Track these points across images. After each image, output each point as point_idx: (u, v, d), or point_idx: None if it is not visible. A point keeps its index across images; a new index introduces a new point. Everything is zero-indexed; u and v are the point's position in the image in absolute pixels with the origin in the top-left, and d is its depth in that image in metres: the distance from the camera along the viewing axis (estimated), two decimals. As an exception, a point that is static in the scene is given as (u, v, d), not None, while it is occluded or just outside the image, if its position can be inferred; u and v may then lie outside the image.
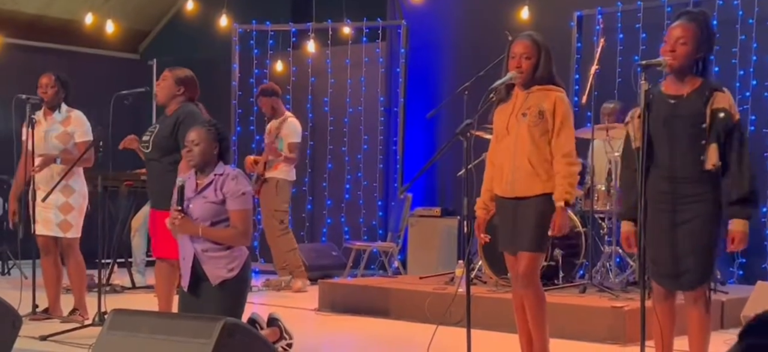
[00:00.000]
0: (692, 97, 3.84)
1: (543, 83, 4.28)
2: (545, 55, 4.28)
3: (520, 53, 4.28)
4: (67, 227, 6.06)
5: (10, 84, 8.05)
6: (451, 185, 8.63)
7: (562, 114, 4.23)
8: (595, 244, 6.77)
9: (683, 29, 3.83)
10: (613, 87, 7.68)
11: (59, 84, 6.16)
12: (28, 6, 10.43)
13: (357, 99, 9.48)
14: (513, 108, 4.32)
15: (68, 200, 6.04)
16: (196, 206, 4.45)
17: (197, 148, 4.44)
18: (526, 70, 4.26)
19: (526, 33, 4.41)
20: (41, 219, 6.03)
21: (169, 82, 5.40)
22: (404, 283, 7.01)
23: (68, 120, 6.14)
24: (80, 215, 6.11)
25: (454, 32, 9.16)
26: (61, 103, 6.18)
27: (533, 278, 4.31)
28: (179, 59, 10.70)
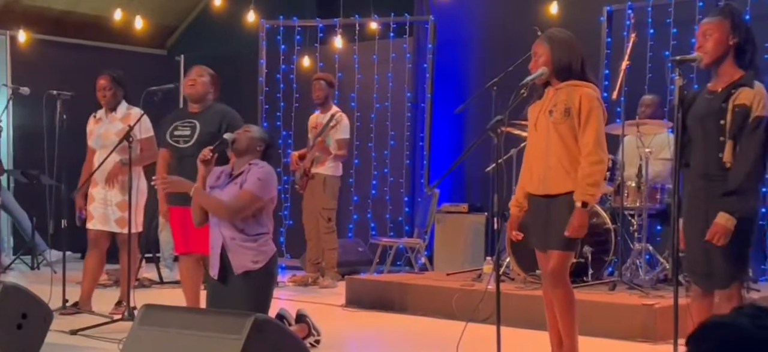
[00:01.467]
0: (720, 94, 3.79)
1: (568, 78, 4.23)
2: (559, 50, 4.21)
3: (534, 53, 4.29)
4: (124, 223, 6.13)
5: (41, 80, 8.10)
6: (479, 181, 8.59)
7: (587, 110, 4.16)
8: (625, 241, 6.71)
9: (709, 24, 3.81)
10: (644, 82, 7.61)
11: (116, 84, 6.27)
12: (58, 2, 10.50)
13: (384, 95, 9.46)
14: (542, 105, 4.29)
15: (125, 198, 6.12)
16: (228, 194, 4.51)
17: (247, 134, 4.63)
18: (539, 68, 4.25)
19: (546, 31, 4.37)
20: (98, 214, 6.12)
21: (206, 80, 5.53)
22: (431, 279, 6.99)
23: (128, 117, 6.22)
24: (138, 211, 6.19)
25: (482, 27, 9.12)
26: (122, 101, 6.29)
27: (562, 277, 4.27)
28: (206, 55, 10.78)
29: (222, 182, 4.59)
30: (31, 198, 9.15)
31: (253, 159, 4.62)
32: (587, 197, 4.11)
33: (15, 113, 9.76)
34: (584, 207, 4.11)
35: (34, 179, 9.07)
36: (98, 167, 6.04)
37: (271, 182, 4.60)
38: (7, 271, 8.84)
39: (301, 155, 8.10)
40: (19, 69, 9.85)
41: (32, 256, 9.21)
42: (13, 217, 9.39)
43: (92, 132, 6.29)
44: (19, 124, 9.80)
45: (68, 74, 7.29)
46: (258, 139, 4.66)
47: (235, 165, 4.65)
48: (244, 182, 4.54)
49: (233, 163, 4.68)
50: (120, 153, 6.08)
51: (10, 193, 9.58)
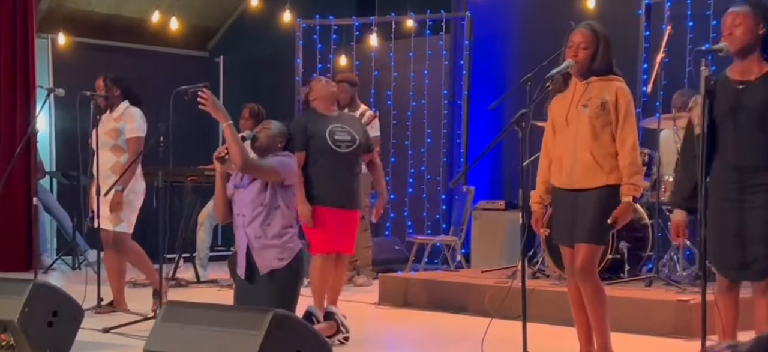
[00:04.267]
0: (758, 83, 3.71)
1: (601, 74, 4.20)
2: (604, 45, 4.19)
3: (577, 42, 4.21)
4: (117, 220, 6.16)
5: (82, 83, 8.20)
6: (516, 177, 8.51)
7: (625, 105, 4.16)
8: (664, 236, 6.59)
9: (735, 14, 3.75)
10: (684, 76, 7.47)
11: (112, 84, 6.30)
12: (101, 6, 10.64)
13: (420, 92, 9.42)
14: (572, 99, 4.23)
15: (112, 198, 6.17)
16: (247, 193, 4.53)
17: (267, 131, 4.65)
18: (583, 60, 4.18)
19: (586, 22, 4.32)
20: (102, 214, 6.17)
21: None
22: (465, 276, 6.94)
23: (120, 116, 6.26)
24: (132, 211, 6.20)
25: (518, 23, 9.03)
26: (122, 101, 6.31)
27: (591, 271, 4.21)
28: (245, 56, 10.85)
29: (246, 180, 4.60)
30: (72, 199, 9.28)
31: (275, 155, 4.63)
32: (636, 190, 4.14)
33: (56, 116, 9.90)
34: (634, 201, 4.15)
35: (74, 180, 9.19)
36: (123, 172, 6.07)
37: (292, 166, 4.61)
38: (49, 271, 8.97)
39: None
40: (60, 72, 9.99)
41: (73, 256, 9.34)
42: (56, 218, 9.54)
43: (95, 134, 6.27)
44: (61, 127, 9.95)
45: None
46: (278, 135, 4.68)
47: None
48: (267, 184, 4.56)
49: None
50: (114, 153, 6.14)
51: (52, 194, 9.73)
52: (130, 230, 6.22)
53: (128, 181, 6.10)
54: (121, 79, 6.34)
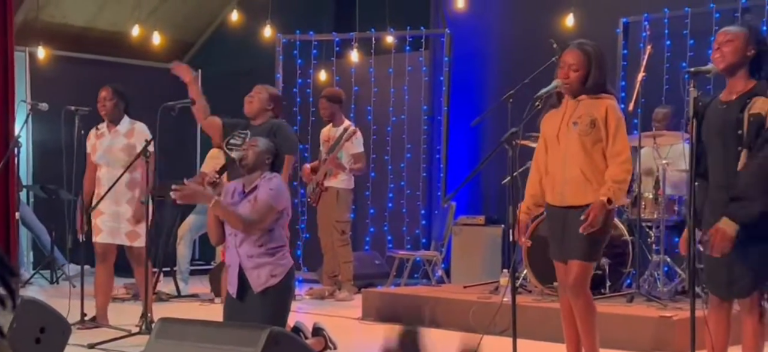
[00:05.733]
0: (735, 104, 3.78)
1: (593, 92, 4.24)
2: (596, 65, 4.24)
3: (569, 63, 4.25)
4: (134, 236, 6.15)
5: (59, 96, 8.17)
6: (496, 193, 8.58)
7: (615, 122, 4.19)
8: (643, 252, 6.68)
9: (727, 33, 3.81)
10: (661, 94, 7.59)
11: (117, 96, 6.27)
12: (77, 18, 10.59)
13: (400, 108, 9.47)
14: (563, 116, 4.28)
15: (136, 213, 6.15)
16: (241, 209, 4.53)
17: (254, 149, 4.64)
18: (573, 80, 4.23)
19: (578, 42, 4.36)
20: (107, 228, 6.15)
21: (264, 96, 5.61)
22: (448, 292, 6.98)
23: (132, 132, 6.24)
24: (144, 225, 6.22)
25: (497, 40, 9.12)
26: (123, 115, 6.29)
27: (584, 288, 4.26)
28: (224, 70, 10.84)
29: (236, 200, 4.61)
30: (50, 213, 9.21)
31: (263, 172, 4.64)
32: (614, 195, 4.11)
33: (34, 129, 9.83)
34: (608, 203, 4.11)
35: (52, 193, 9.13)
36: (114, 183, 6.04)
37: (284, 192, 4.63)
38: (27, 285, 8.89)
39: (313, 168, 8.13)
40: (38, 85, 9.93)
41: (51, 270, 9.27)
42: (33, 231, 9.46)
43: (95, 146, 6.27)
44: (39, 140, 9.88)
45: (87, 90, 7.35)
46: (265, 152, 4.68)
47: (246, 181, 4.66)
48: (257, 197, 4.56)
49: (244, 180, 4.69)
50: (130, 172, 6.11)
51: (29, 208, 9.65)
52: (144, 244, 6.24)
53: (149, 192, 6.09)
54: (125, 93, 6.33)
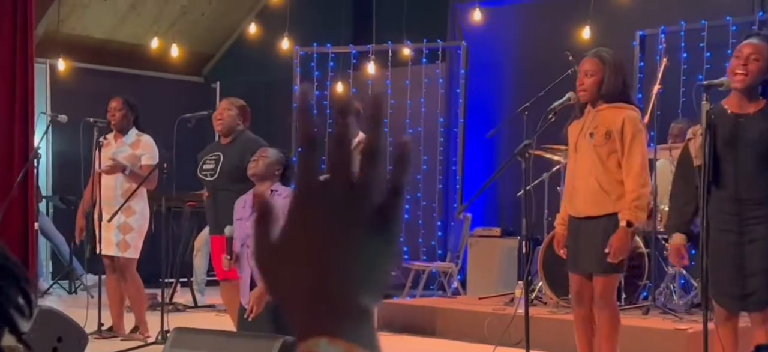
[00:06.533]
0: (757, 117, 3.77)
1: (612, 100, 4.21)
2: (612, 72, 4.21)
3: (584, 70, 4.25)
4: (124, 246, 6.18)
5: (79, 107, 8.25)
6: (511, 205, 8.58)
7: (631, 133, 4.16)
8: (659, 265, 6.67)
9: (755, 47, 3.77)
10: (677, 107, 7.57)
11: (127, 107, 6.31)
12: (97, 31, 10.70)
13: (417, 120, 9.50)
14: (582, 126, 4.28)
15: (128, 221, 6.16)
16: (250, 223, 4.56)
17: (264, 160, 4.66)
18: (589, 87, 4.21)
19: (596, 50, 4.36)
20: (105, 239, 6.18)
21: (233, 113, 5.60)
22: (463, 303, 6.99)
23: (137, 143, 6.28)
24: (139, 236, 6.22)
25: (514, 53, 9.14)
26: (132, 127, 6.33)
27: (610, 299, 4.27)
28: (242, 82, 10.91)
29: (247, 213, 4.63)
30: (69, 223, 9.28)
31: (273, 184, 4.64)
32: (633, 216, 4.10)
33: (54, 140, 9.93)
34: (629, 227, 4.10)
35: (71, 204, 9.21)
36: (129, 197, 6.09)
37: None
38: (46, 295, 8.97)
39: None
40: (58, 97, 10.03)
41: (70, 280, 9.35)
42: (52, 242, 9.55)
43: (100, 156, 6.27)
44: (58, 151, 9.98)
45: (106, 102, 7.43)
46: (275, 163, 4.69)
47: (255, 191, 4.67)
48: None
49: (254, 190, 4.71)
50: (128, 179, 6.15)
51: (48, 218, 9.74)
52: (137, 256, 6.24)
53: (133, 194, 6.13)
54: (136, 105, 6.38)
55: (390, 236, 0.71)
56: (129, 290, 6.27)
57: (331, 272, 0.69)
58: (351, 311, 0.69)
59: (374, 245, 0.70)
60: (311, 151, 0.71)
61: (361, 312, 0.70)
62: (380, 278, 0.72)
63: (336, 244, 0.69)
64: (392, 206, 0.72)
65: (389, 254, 0.72)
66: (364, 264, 0.70)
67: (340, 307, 0.69)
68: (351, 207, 0.70)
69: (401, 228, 0.72)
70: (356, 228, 0.70)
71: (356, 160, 0.70)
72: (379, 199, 0.71)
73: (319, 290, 0.69)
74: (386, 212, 0.71)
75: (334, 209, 0.70)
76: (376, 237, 0.70)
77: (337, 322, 0.68)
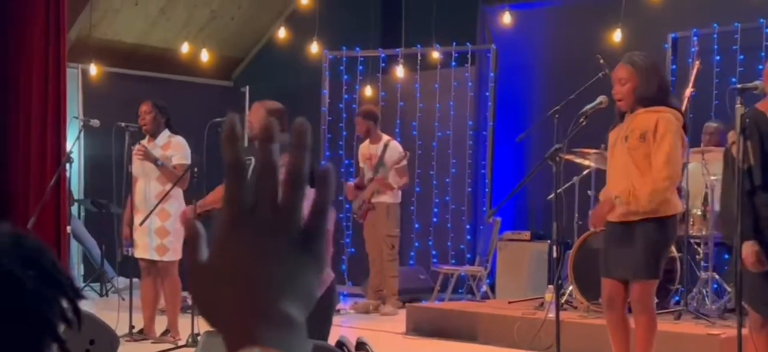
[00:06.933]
0: None
1: (649, 104, 4.19)
2: (645, 75, 4.19)
3: (618, 77, 4.24)
4: (163, 250, 6.21)
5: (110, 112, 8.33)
6: (541, 208, 8.54)
7: (662, 132, 4.14)
8: (691, 269, 6.60)
9: None
10: (710, 110, 7.50)
11: (156, 110, 6.36)
12: (128, 36, 10.79)
13: (446, 123, 9.48)
14: (620, 131, 4.28)
15: (164, 225, 6.20)
16: None
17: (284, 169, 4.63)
18: (625, 95, 4.20)
19: (628, 54, 4.34)
20: (140, 243, 6.22)
21: (261, 115, 5.57)
22: (493, 307, 6.96)
23: (168, 144, 6.32)
24: (177, 238, 6.24)
25: (544, 56, 9.10)
26: (164, 129, 6.37)
27: (647, 304, 4.25)
28: (271, 86, 10.95)
29: None
30: (101, 226, 9.37)
31: None
32: (629, 200, 4.13)
33: (86, 144, 10.02)
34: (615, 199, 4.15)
35: (103, 207, 9.29)
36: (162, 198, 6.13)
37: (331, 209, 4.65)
38: (78, 298, 9.04)
39: (357, 185, 8.17)
40: (89, 101, 10.13)
41: (101, 283, 9.42)
42: (83, 245, 9.63)
43: (135, 159, 6.38)
44: (90, 155, 10.07)
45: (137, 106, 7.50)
46: None
47: None
48: None
49: None
50: (160, 182, 6.19)
51: (80, 221, 9.83)
52: (176, 258, 6.26)
53: None
54: (165, 108, 6.42)
55: (316, 252, 0.77)
56: (167, 293, 6.32)
57: (259, 287, 0.74)
58: (281, 322, 0.74)
59: (300, 261, 0.76)
60: (237, 177, 0.75)
61: (291, 322, 0.74)
62: (308, 290, 0.77)
63: (263, 261, 0.75)
64: (317, 225, 0.77)
65: (316, 268, 0.77)
66: (290, 277, 0.75)
67: (269, 318, 0.73)
68: (276, 228, 0.75)
69: (328, 245, 0.78)
70: (281, 246, 0.75)
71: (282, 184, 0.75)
72: (304, 219, 0.77)
73: (247, 304, 0.74)
74: (311, 231, 0.77)
75: (260, 231, 0.75)
76: (302, 254, 0.76)
77: (268, 332, 0.73)
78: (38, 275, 0.92)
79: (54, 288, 0.94)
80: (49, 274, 0.94)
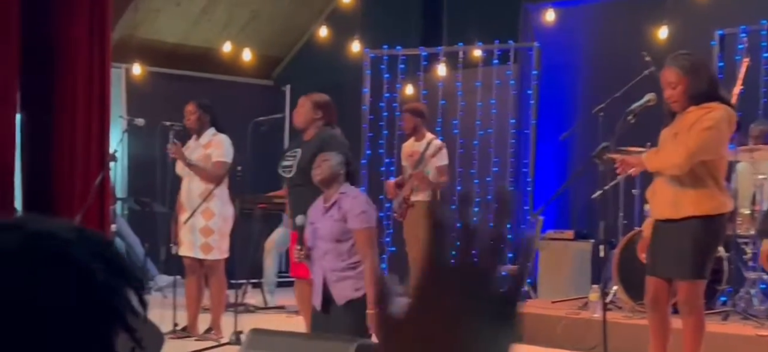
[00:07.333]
0: None
1: (701, 100, 4.14)
2: (694, 75, 4.14)
3: (667, 81, 4.19)
4: (207, 249, 6.24)
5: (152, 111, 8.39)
6: (585, 207, 8.44)
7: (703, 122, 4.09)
8: (738, 269, 6.49)
9: None
10: (758, 108, 7.37)
11: (200, 110, 6.40)
12: (169, 36, 10.86)
13: (487, 121, 9.42)
14: (671, 128, 4.24)
15: (208, 224, 6.22)
16: (322, 225, 4.56)
17: (327, 163, 4.64)
18: (678, 97, 4.17)
19: (673, 56, 4.28)
20: (186, 241, 6.25)
21: (306, 107, 5.58)
22: (535, 307, 6.90)
23: (210, 143, 6.35)
24: (222, 237, 6.26)
25: (587, 53, 9.00)
26: (209, 128, 6.39)
27: (696, 305, 4.19)
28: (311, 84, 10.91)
29: (319, 215, 4.63)
30: (143, 225, 9.45)
31: (341, 186, 4.64)
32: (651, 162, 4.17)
33: (129, 143, 10.11)
34: None
35: (146, 206, 9.37)
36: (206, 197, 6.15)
37: (372, 211, 4.63)
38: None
39: (398, 183, 8.14)
40: (132, 100, 10.21)
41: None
42: (127, 243, 9.72)
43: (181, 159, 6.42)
44: (133, 154, 10.16)
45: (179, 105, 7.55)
46: (338, 165, 4.66)
47: (325, 196, 4.66)
48: (345, 218, 4.53)
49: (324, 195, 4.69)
50: (202, 181, 6.20)
51: (124, 220, 9.92)
52: (222, 256, 6.28)
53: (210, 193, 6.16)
54: (210, 107, 6.45)
55: (513, 320, 0.77)
56: (211, 290, 6.34)
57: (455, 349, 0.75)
58: None
59: (497, 326, 0.76)
60: (441, 237, 0.77)
61: None
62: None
63: (461, 328, 0.75)
64: (516, 292, 0.77)
65: (512, 337, 0.77)
66: (487, 342, 0.76)
67: None
68: (477, 293, 0.76)
69: (522, 313, 0.79)
70: (481, 314, 0.75)
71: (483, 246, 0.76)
72: (503, 286, 0.77)
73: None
74: (510, 298, 0.77)
75: (461, 294, 0.75)
76: (500, 320, 0.76)
77: None
78: (106, 266, 0.92)
79: (122, 279, 0.94)
80: (117, 265, 0.94)
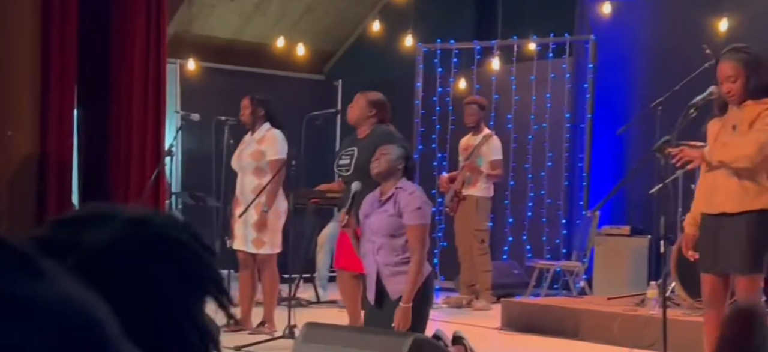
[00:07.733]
0: None
1: (761, 95, 4.06)
2: (753, 69, 4.06)
3: (725, 75, 4.10)
4: (259, 244, 6.26)
5: (207, 106, 8.46)
6: (641, 202, 8.31)
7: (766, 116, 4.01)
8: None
9: None
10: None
11: (254, 104, 6.42)
12: (223, 31, 10.94)
13: (542, 115, 9.33)
14: (724, 122, 4.15)
15: (261, 218, 6.26)
16: (376, 219, 4.54)
17: (386, 157, 4.62)
18: (737, 91, 4.08)
19: (730, 49, 4.19)
20: (239, 234, 6.29)
21: (361, 104, 5.59)
22: (591, 303, 6.81)
23: (263, 139, 6.37)
24: (274, 232, 6.27)
25: (645, 46, 8.85)
26: (264, 122, 6.41)
27: (756, 300, 4.09)
28: (363, 79, 10.95)
29: (374, 209, 4.62)
30: (198, 219, 9.52)
31: (397, 180, 4.61)
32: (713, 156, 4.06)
33: (184, 138, 10.21)
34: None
35: (200, 200, 9.45)
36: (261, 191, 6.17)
37: (427, 207, 4.61)
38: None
39: (451, 178, 8.10)
40: (187, 96, 10.31)
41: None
42: (182, 237, 9.82)
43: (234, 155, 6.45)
44: (188, 149, 10.26)
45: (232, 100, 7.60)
46: (397, 159, 4.63)
47: (382, 189, 4.65)
48: (400, 213, 4.51)
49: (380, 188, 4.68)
50: (256, 175, 6.21)
51: (178, 214, 10.03)
52: (275, 251, 6.30)
53: (270, 203, 6.16)
54: (265, 101, 6.47)
55: None
56: (264, 284, 6.36)
57: None
58: None
59: None
60: None
61: None
62: None
63: None
64: None
65: None
66: None
67: None
68: None
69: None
70: None
71: None
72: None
73: None
74: None
75: None
76: None
77: None
78: (196, 242, 1.01)
79: (209, 252, 1.02)
80: (204, 244, 1.02)
